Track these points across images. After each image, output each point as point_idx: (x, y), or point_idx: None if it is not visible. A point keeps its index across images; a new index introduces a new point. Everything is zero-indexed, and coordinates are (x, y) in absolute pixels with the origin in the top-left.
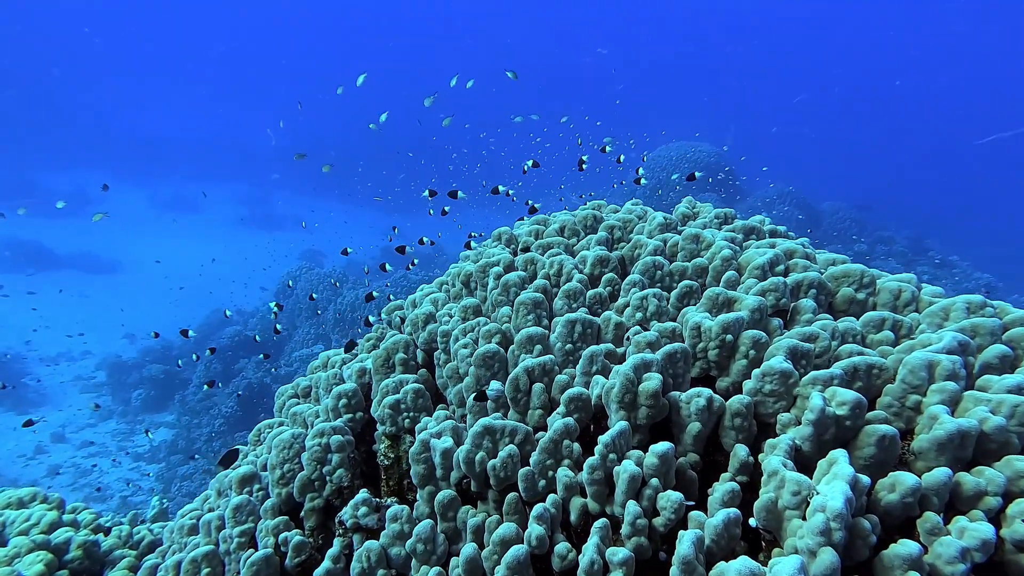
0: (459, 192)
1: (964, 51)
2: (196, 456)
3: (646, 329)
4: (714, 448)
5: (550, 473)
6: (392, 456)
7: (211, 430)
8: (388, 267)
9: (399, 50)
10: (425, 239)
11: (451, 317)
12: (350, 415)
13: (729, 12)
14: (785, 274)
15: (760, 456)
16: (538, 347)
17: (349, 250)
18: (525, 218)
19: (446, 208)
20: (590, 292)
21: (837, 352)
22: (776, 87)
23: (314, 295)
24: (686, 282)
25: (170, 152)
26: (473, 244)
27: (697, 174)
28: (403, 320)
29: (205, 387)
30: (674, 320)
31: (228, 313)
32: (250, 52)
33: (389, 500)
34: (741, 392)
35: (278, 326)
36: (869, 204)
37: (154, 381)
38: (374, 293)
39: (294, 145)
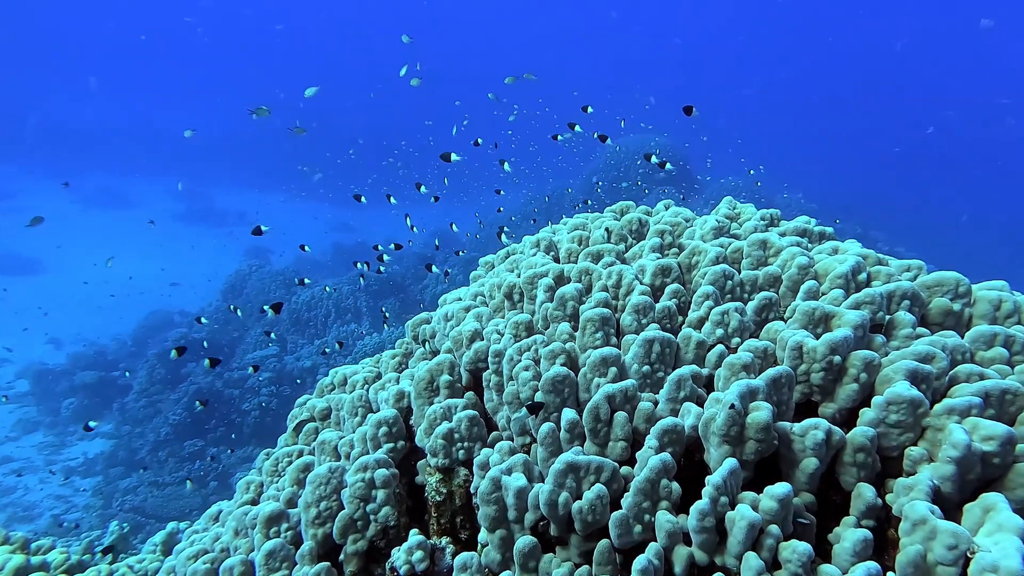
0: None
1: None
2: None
3: (729, 347)
4: (826, 485)
5: (647, 517)
6: (444, 491)
7: (156, 438)
8: (307, 280)
9: (345, 38)
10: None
11: (500, 335)
12: (391, 444)
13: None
14: (868, 283)
15: (888, 497)
16: (612, 369)
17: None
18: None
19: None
20: (659, 305)
21: (954, 373)
22: (734, 77)
23: (238, 309)
24: (765, 293)
25: (92, 143)
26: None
27: (654, 158)
28: (433, 335)
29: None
30: (755, 337)
31: (203, 320)
32: (182, 39)
33: (442, 541)
34: (848, 420)
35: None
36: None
37: (87, 389)
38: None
39: (235, 136)
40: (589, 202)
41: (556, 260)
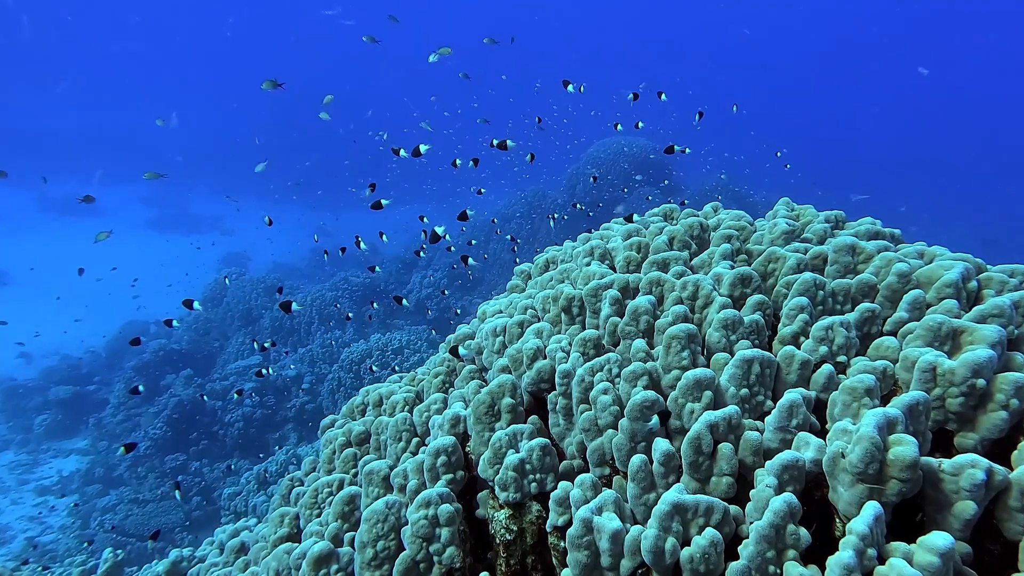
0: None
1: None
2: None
3: (836, 367)
4: (979, 531)
5: (772, 568)
6: (515, 529)
7: (136, 454)
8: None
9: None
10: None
11: (566, 353)
12: (450, 475)
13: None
14: (979, 291)
15: None
16: (707, 393)
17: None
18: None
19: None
20: (747, 319)
21: None
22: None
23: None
24: (866, 304)
25: (60, 149)
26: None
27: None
28: (479, 351)
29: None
30: (860, 354)
31: (175, 323)
32: (153, 42)
33: None
34: (991, 451)
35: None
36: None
37: (62, 404)
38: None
39: (201, 141)
40: (579, 206)
41: (612, 269)
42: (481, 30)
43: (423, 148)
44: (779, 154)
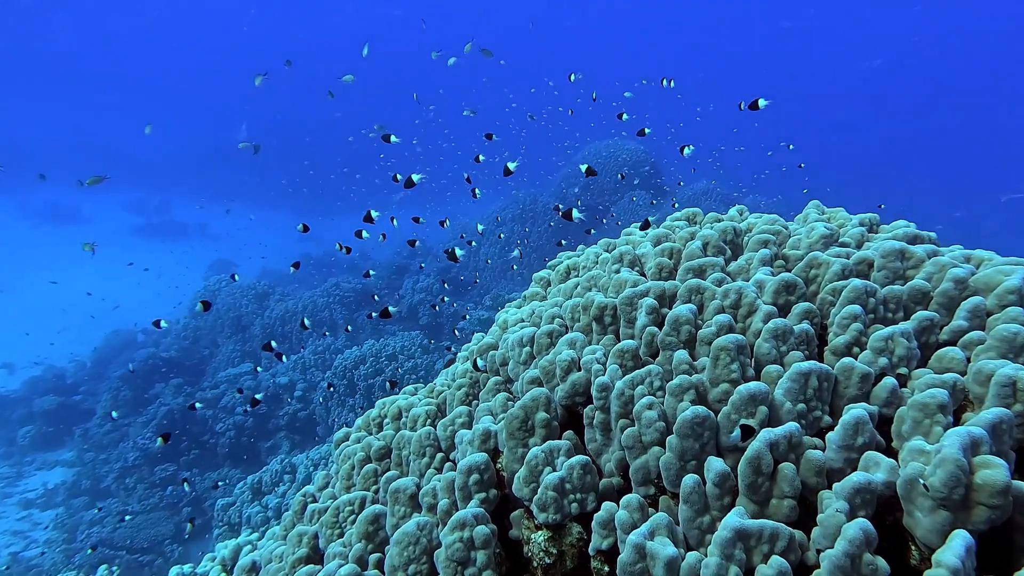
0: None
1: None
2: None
3: (900, 381)
4: None
5: None
6: (555, 552)
7: (123, 465)
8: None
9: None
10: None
11: (602, 364)
12: (483, 494)
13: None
14: None
15: None
16: (762, 409)
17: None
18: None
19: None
20: (797, 328)
21: None
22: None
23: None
24: (924, 313)
25: (40, 156)
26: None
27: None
28: (504, 362)
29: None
30: (922, 366)
31: (163, 324)
32: (132, 49)
33: None
34: None
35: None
36: None
37: (47, 415)
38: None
39: (189, 146)
40: (579, 203)
41: (642, 276)
42: (496, 25)
43: (416, 177)
44: (791, 147)
